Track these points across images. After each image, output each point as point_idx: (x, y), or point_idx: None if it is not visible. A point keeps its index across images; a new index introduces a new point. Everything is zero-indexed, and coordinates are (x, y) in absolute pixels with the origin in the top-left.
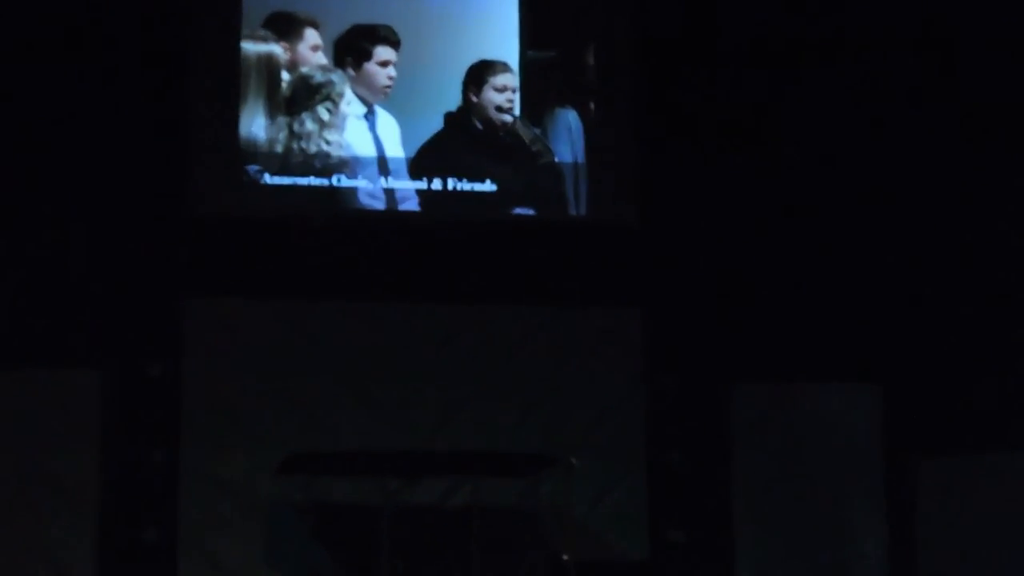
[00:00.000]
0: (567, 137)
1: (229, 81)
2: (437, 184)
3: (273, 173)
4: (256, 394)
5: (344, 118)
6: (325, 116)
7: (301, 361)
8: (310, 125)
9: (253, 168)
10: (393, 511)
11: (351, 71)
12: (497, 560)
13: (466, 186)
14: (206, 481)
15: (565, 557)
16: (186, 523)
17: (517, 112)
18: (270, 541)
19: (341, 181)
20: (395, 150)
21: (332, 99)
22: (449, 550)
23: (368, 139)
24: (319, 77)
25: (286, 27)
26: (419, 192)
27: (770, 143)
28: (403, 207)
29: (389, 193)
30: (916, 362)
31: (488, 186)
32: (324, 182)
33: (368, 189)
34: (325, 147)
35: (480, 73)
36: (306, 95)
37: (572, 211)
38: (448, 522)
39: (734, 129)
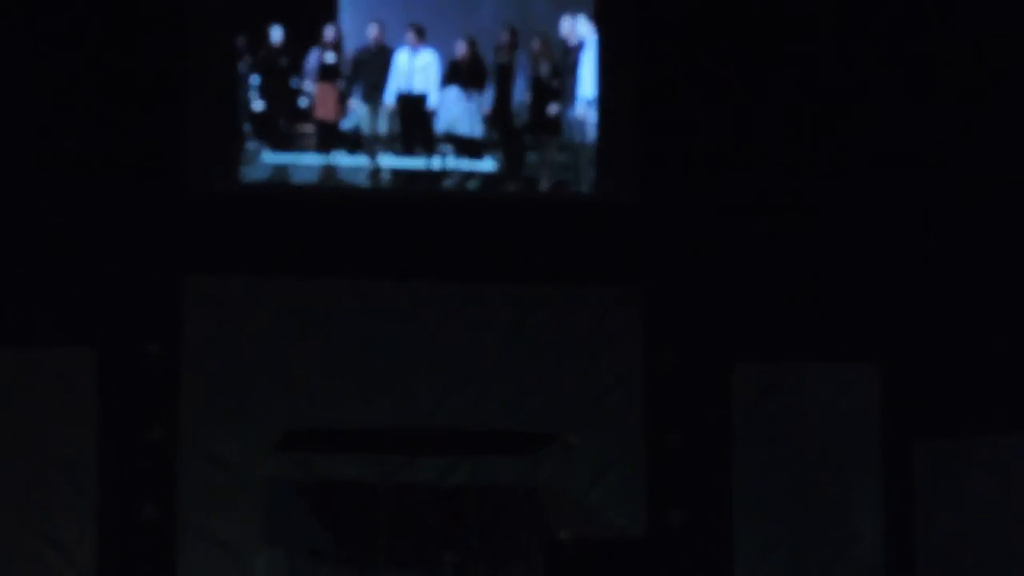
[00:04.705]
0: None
1: (228, 57)
2: (437, 162)
3: (273, 149)
4: (255, 372)
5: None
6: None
7: (300, 339)
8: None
9: (253, 145)
10: (391, 489)
11: None
12: (495, 538)
13: (465, 164)
14: (204, 459)
15: (563, 535)
16: (184, 501)
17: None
18: (268, 518)
19: (341, 159)
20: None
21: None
22: (447, 528)
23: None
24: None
25: None
26: (419, 171)
27: (776, 121)
28: (403, 185)
29: (389, 171)
30: (915, 342)
31: (488, 164)
32: (324, 159)
33: (368, 167)
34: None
35: None
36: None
37: (574, 188)
38: (446, 500)
39: (737, 115)
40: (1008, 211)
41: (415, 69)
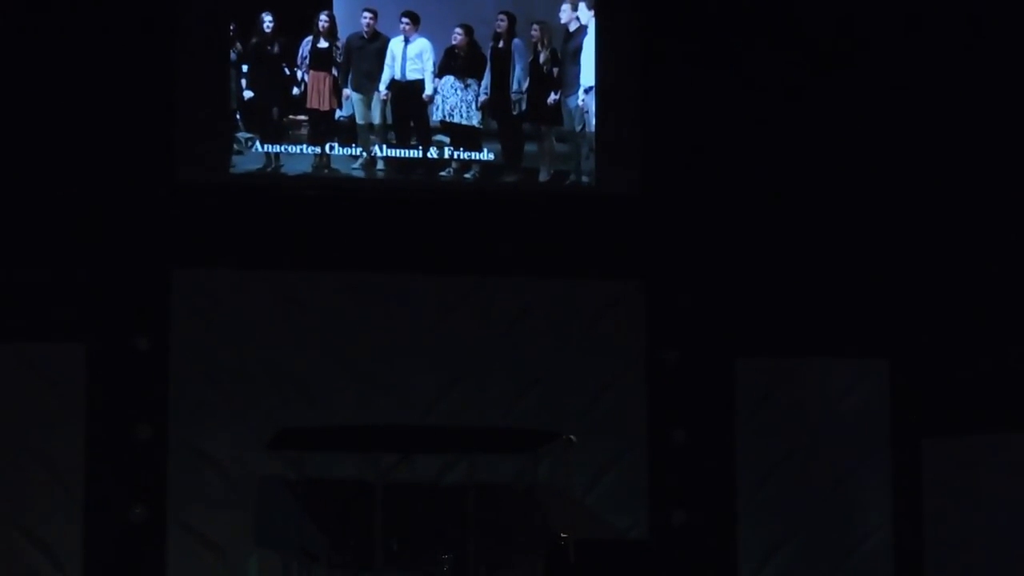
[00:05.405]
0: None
1: (220, 45)
2: (433, 152)
3: (264, 140)
4: (246, 368)
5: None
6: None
7: (293, 334)
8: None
9: (244, 135)
10: (387, 488)
11: None
12: (494, 538)
13: (465, 155)
14: (194, 457)
15: (563, 535)
16: (174, 500)
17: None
18: (260, 519)
19: (335, 149)
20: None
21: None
22: (444, 528)
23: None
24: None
25: None
26: (417, 160)
27: (780, 110)
28: (399, 175)
29: (385, 161)
30: (924, 337)
31: (486, 155)
32: (317, 150)
33: (362, 157)
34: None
35: None
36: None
37: (575, 179)
38: (444, 499)
39: (741, 103)
40: (1020, 206)
41: (409, 57)
